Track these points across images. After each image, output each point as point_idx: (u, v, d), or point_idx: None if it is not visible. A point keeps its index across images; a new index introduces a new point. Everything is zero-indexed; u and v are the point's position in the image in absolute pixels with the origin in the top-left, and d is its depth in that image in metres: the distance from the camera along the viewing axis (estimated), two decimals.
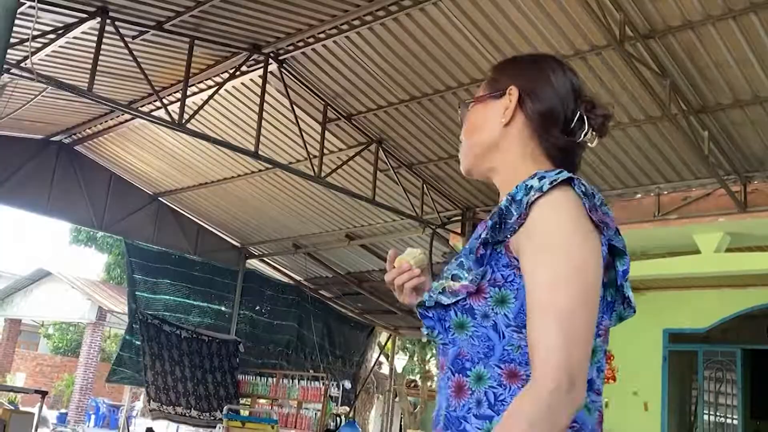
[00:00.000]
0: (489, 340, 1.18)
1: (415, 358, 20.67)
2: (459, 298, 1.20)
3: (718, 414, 10.79)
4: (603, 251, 1.18)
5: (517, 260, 1.18)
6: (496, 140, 1.35)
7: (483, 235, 1.21)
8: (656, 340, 10.83)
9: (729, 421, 10.73)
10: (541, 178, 1.18)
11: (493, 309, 1.19)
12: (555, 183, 1.16)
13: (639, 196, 8.11)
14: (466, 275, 1.21)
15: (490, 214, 1.24)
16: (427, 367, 20.82)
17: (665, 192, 7.89)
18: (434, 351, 19.77)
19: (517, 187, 1.21)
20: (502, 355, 1.17)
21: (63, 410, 19.63)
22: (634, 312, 1.29)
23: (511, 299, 1.18)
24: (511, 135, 1.34)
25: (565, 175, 1.18)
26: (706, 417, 10.69)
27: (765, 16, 5.42)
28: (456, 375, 1.21)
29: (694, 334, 10.66)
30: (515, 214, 1.18)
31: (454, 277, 1.22)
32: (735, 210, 7.31)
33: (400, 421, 20.65)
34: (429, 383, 21.12)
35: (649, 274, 9.62)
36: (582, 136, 1.32)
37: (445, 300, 1.21)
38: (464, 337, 1.21)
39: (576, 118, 1.32)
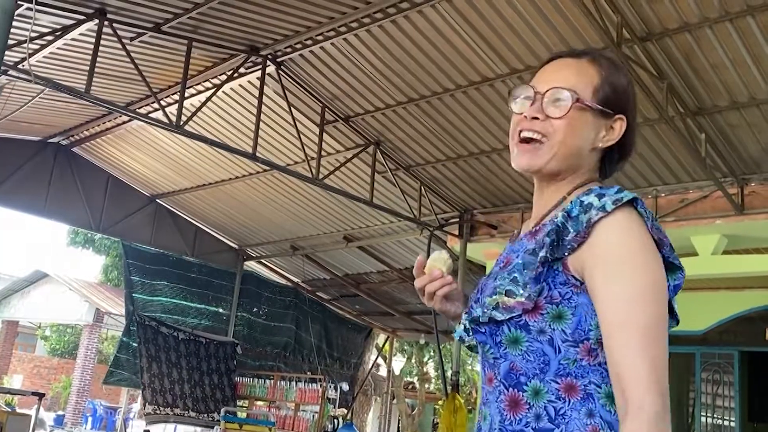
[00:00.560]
0: (544, 355, 1.19)
1: (413, 360, 20.65)
2: (514, 314, 1.20)
3: (715, 416, 10.80)
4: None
5: (576, 279, 1.18)
6: (583, 153, 1.30)
7: (542, 254, 1.20)
8: None
9: (726, 423, 10.73)
10: (599, 196, 1.18)
11: (549, 325, 1.19)
12: (619, 204, 1.16)
13: None
14: (522, 291, 1.20)
15: (544, 231, 1.23)
16: (424, 369, 20.81)
17: (663, 194, 7.91)
18: (432, 353, 19.76)
19: (572, 203, 1.20)
20: (558, 370, 1.18)
21: (60, 412, 19.59)
22: (677, 323, 1.29)
23: (568, 315, 1.18)
24: (591, 155, 1.31)
25: (629, 195, 1.17)
26: (703, 419, 10.69)
27: (761, 18, 5.44)
28: (510, 389, 1.21)
29: (692, 336, 10.67)
30: (572, 231, 1.18)
31: (508, 293, 1.21)
32: (732, 212, 7.32)
33: (398, 424, 20.64)
34: (426, 385, 21.11)
35: None
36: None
37: (500, 316, 1.21)
38: (517, 352, 1.21)
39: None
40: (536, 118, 1.29)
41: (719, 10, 5.45)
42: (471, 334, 1.29)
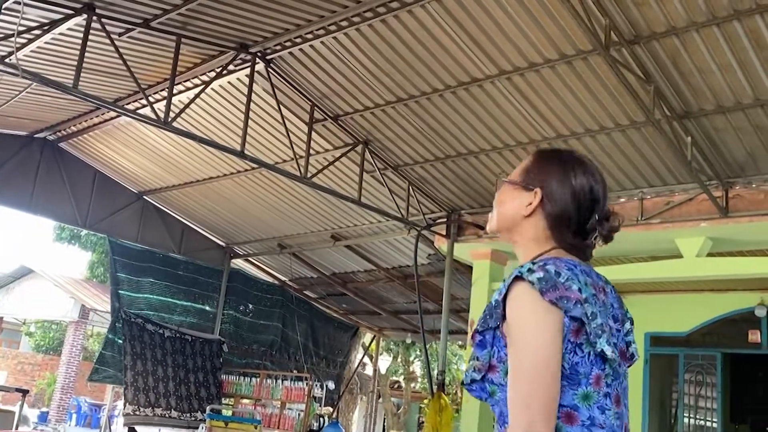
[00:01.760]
0: None
1: (399, 360, 20.68)
2: (483, 373, 1.52)
3: (697, 417, 10.90)
4: (565, 321, 1.44)
5: None
6: (517, 222, 1.64)
7: (477, 326, 1.53)
8: (638, 343, 10.88)
9: (708, 424, 10.84)
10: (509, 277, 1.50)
11: (503, 379, 1.49)
12: (510, 281, 1.48)
13: (623, 200, 8.18)
14: (481, 355, 1.53)
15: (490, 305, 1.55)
16: (410, 369, 20.84)
17: (648, 196, 7.96)
18: (418, 353, 19.81)
19: (503, 281, 1.52)
20: None
21: (44, 409, 19.46)
22: (634, 358, 1.61)
23: None
24: (529, 223, 1.62)
25: (515, 273, 1.48)
26: (686, 420, 10.79)
27: (748, 23, 5.49)
28: (502, 427, 1.51)
29: (675, 338, 10.77)
30: (498, 306, 1.50)
31: (478, 358, 1.54)
32: (717, 215, 7.39)
33: (383, 422, 20.66)
34: (412, 384, 21.15)
35: (631, 278, 9.70)
36: (592, 239, 1.61)
37: (476, 376, 1.53)
38: (498, 399, 1.51)
39: (588, 225, 1.60)
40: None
41: (706, 15, 5.50)
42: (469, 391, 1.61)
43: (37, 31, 6.79)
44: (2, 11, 5.68)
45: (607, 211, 1.61)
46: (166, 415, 10.93)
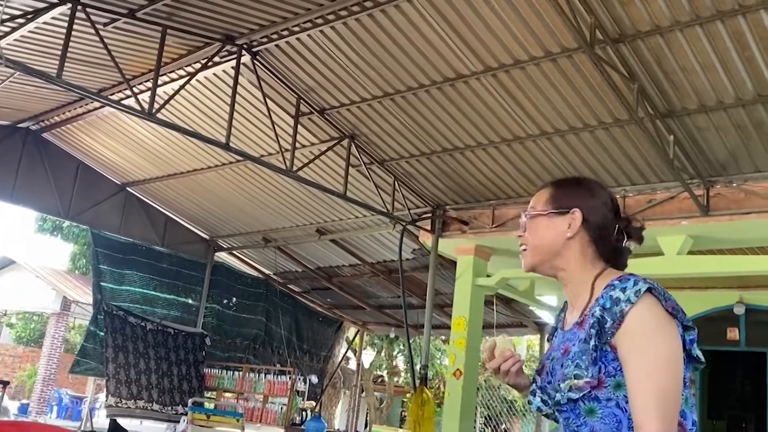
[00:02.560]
0: (615, 416, 1.56)
1: (383, 354, 20.73)
2: (584, 392, 1.57)
3: None
4: (679, 331, 1.56)
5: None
6: (560, 248, 1.73)
7: (593, 343, 1.57)
8: None
9: None
10: (623, 290, 1.57)
11: (613, 393, 1.55)
12: (639, 294, 1.54)
13: None
14: (587, 374, 1.56)
15: (588, 323, 1.61)
16: (393, 363, 20.89)
17: (630, 194, 8.03)
18: (401, 347, 19.85)
19: (603, 297, 1.59)
20: (629, 424, 1.53)
21: (25, 401, 19.31)
22: (703, 364, 1.66)
23: (623, 383, 1.55)
24: (573, 243, 1.72)
25: (645, 285, 1.55)
26: None
27: (730, 24, 5.55)
28: None
29: None
30: (610, 320, 1.56)
31: (576, 377, 1.58)
32: (698, 213, 7.47)
33: (366, 417, 20.71)
34: (395, 379, 21.21)
35: None
36: (625, 244, 1.74)
37: (575, 396, 1.58)
38: (595, 419, 1.57)
39: (616, 230, 1.73)
40: (521, 236, 1.82)
41: (690, 14, 5.55)
42: (553, 412, 1.69)
43: (20, 20, 6.72)
44: None
45: (628, 215, 1.78)
46: (148, 408, 10.90)
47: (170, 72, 8.10)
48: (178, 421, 10.74)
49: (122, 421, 10.41)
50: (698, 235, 7.74)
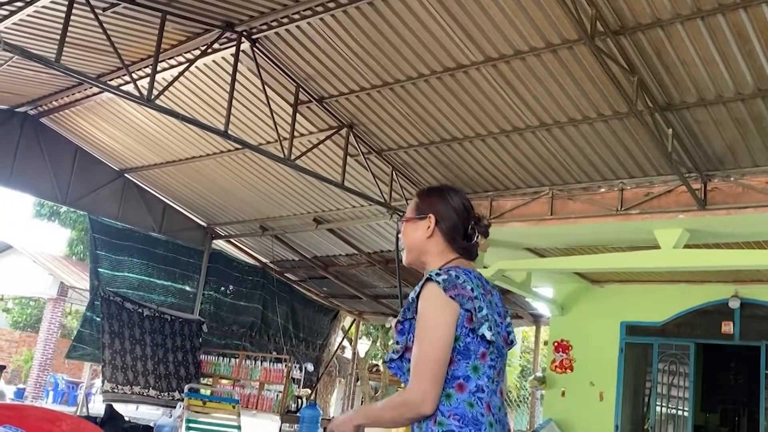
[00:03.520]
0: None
1: (378, 343, 20.78)
2: (399, 354, 2.04)
3: (669, 405, 11.08)
4: (461, 312, 1.96)
5: None
6: (423, 245, 2.18)
7: (399, 318, 2.05)
8: (614, 332, 11.06)
9: (680, 412, 11.03)
10: (428, 278, 2.00)
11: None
12: (423, 282, 2.00)
13: (603, 190, 8.25)
14: (401, 340, 2.04)
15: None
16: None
17: (628, 187, 8.04)
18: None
19: (418, 284, 2.03)
20: None
21: (21, 385, 19.36)
22: (493, 343, 2.02)
23: None
24: (431, 242, 2.17)
25: (427, 276, 2.01)
26: (658, 408, 10.97)
27: (731, 17, 5.54)
28: None
29: (651, 327, 10.92)
30: (413, 302, 2.02)
31: (398, 342, 2.05)
32: (695, 207, 7.48)
33: (361, 405, 20.74)
34: None
35: (609, 268, 9.81)
36: (475, 239, 2.18)
37: (394, 356, 2.05)
38: (407, 375, 2.00)
39: (470, 229, 2.16)
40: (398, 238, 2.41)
41: (691, 7, 5.54)
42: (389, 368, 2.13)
43: (19, 3, 6.68)
44: None
45: (477, 215, 2.20)
46: (144, 394, 10.93)
47: (169, 58, 8.08)
48: (174, 407, 10.77)
49: (118, 407, 10.43)
50: (695, 229, 7.76)
